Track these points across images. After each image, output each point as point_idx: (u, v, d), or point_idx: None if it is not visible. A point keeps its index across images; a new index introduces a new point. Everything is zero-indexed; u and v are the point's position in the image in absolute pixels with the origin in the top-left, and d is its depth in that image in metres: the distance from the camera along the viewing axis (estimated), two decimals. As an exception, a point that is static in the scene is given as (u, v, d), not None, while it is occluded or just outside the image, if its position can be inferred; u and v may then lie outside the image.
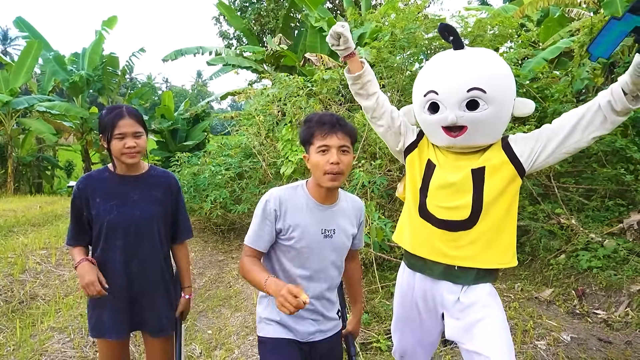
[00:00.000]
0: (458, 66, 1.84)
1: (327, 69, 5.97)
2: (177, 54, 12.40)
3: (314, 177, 1.71)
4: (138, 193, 1.98)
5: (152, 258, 2.00)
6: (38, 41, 13.15)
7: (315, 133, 1.65)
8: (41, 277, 4.80)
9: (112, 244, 1.93)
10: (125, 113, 1.90)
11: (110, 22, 14.34)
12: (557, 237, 4.82)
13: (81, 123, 14.52)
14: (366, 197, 4.36)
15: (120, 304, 1.95)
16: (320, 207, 1.73)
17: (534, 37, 6.00)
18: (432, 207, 1.91)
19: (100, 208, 1.92)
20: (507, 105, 1.82)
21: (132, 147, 1.89)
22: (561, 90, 5.51)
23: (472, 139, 1.83)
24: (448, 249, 1.87)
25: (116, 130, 1.88)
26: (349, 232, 1.82)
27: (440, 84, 1.83)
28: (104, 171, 2.00)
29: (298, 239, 1.69)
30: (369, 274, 4.13)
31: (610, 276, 4.09)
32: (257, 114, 6.11)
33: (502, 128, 1.87)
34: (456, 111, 1.79)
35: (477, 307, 1.82)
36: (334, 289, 1.84)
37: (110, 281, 1.91)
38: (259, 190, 5.79)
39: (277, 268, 1.76)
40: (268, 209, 1.69)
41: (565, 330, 3.43)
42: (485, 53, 1.88)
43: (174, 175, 2.15)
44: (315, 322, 1.77)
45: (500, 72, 1.82)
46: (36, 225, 7.60)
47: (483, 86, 1.75)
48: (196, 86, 54.43)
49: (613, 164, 5.32)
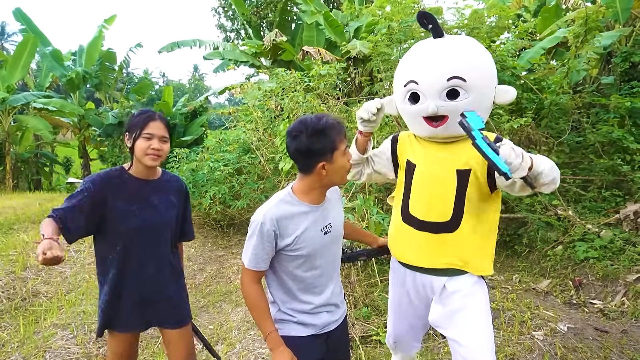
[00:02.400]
0: (437, 55, 1.82)
1: (324, 63, 5.97)
2: (174, 46, 12.33)
3: (337, 179, 1.73)
4: (157, 197, 2.02)
5: (168, 260, 2.06)
6: (34, 36, 13.05)
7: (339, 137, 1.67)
8: (43, 274, 4.84)
9: (132, 248, 1.95)
10: (157, 117, 1.96)
11: (110, 20, 14.36)
12: (555, 228, 4.86)
13: (78, 119, 14.49)
14: (364, 191, 4.39)
15: (136, 306, 1.99)
16: (314, 209, 1.76)
17: (531, 28, 5.98)
18: (414, 209, 1.90)
19: (121, 211, 1.93)
20: (487, 93, 1.81)
21: (157, 149, 1.93)
22: (558, 82, 5.53)
23: (453, 128, 1.80)
24: (430, 252, 1.87)
25: (145, 130, 1.91)
26: (340, 218, 1.89)
27: (420, 73, 1.82)
28: (123, 172, 1.99)
29: (305, 247, 1.70)
30: (368, 268, 4.17)
31: (606, 266, 4.14)
32: (255, 110, 6.12)
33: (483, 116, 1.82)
34: (437, 101, 1.78)
35: (460, 296, 1.84)
36: (338, 270, 1.89)
37: (128, 283, 1.96)
38: (258, 186, 5.82)
39: (285, 277, 1.75)
40: (266, 232, 1.66)
41: (562, 321, 3.47)
42: (465, 41, 1.87)
43: (182, 180, 2.23)
44: (330, 314, 1.82)
45: (480, 60, 1.80)
46: (36, 222, 7.61)
47: (463, 75, 1.74)
48: (193, 80, 54.19)
49: (610, 155, 5.36)
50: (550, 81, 5.81)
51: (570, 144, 5.65)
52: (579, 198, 5.40)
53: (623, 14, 6.57)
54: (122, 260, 1.96)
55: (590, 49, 5.37)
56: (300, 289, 1.76)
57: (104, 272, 2.00)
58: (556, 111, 5.68)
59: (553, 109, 5.61)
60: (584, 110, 6.04)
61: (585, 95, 5.94)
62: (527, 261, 4.90)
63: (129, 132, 1.95)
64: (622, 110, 5.52)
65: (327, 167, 1.67)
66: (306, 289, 1.76)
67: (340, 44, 7.96)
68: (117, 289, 1.97)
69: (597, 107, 5.94)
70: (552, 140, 5.53)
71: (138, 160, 1.95)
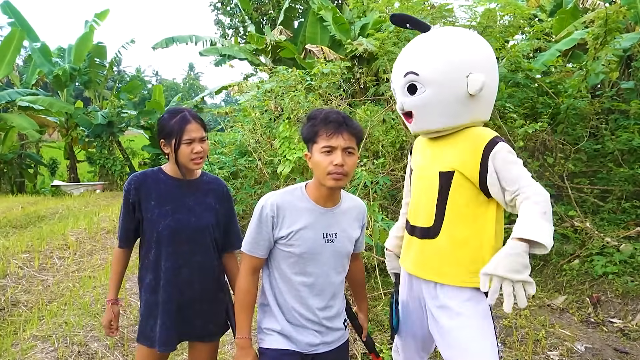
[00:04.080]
0: (403, 51, 1.94)
1: (327, 62, 5.96)
2: (169, 41, 12.31)
3: (316, 176, 1.71)
4: (193, 199, 2.01)
5: (204, 266, 2.02)
6: (21, 30, 13.09)
7: (320, 132, 1.65)
8: (23, 282, 4.79)
9: (165, 250, 1.95)
10: (191, 117, 1.93)
11: (102, 15, 14.36)
12: (571, 241, 4.82)
13: (66, 118, 14.50)
14: (368, 197, 4.36)
15: (170, 314, 1.97)
16: (321, 210, 1.74)
17: (547, 29, 5.98)
18: (409, 214, 1.99)
19: (155, 212, 1.94)
20: (450, 85, 1.76)
21: (200, 152, 1.93)
22: (575, 85, 5.51)
23: (422, 124, 1.88)
24: (416, 259, 1.89)
25: (185, 136, 1.90)
26: (352, 235, 1.82)
27: (393, 72, 1.96)
28: (159, 172, 2.02)
29: (298, 245, 1.70)
30: (371, 280, 4.13)
31: (626, 282, 4.10)
32: (253, 110, 6.10)
33: (454, 110, 1.78)
34: (402, 97, 1.87)
35: (450, 314, 1.78)
36: (338, 296, 1.84)
37: (162, 289, 1.96)
38: (255, 191, 5.78)
39: (277, 275, 1.77)
40: (264, 216, 1.70)
41: (579, 340, 3.43)
42: (433, 33, 1.92)
43: (224, 182, 2.18)
44: (319, 334, 1.78)
45: (438, 50, 1.79)
46: (18, 227, 7.59)
47: (415, 69, 1.79)
48: (188, 79, 54.34)
49: (630, 164, 5.33)
50: (567, 84, 5.79)
51: (588, 152, 5.62)
52: (597, 209, 5.36)
53: (644, 15, 6.58)
54: (156, 264, 1.96)
55: (609, 51, 5.36)
56: (289, 293, 1.75)
57: (142, 277, 2.04)
58: (573, 116, 5.66)
59: (570, 114, 5.60)
60: (602, 115, 6.02)
61: (604, 100, 5.92)
62: (541, 275, 4.86)
63: (165, 139, 1.94)
64: (643, 117, 5.50)
65: (310, 159, 1.72)
66: (294, 295, 1.74)
67: (345, 42, 7.98)
68: (155, 296, 1.98)
69: (616, 113, 5.92)
70: (568, 147, 5.50)
71: (183, 165, 1.96)
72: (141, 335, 2.03)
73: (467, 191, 1.76)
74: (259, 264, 1.77)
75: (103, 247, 6.16)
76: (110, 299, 2.07)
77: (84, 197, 11.84)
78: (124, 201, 1.98)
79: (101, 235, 6.60)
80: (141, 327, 2.04)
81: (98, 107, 14.95)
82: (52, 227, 7.17)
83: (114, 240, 6.47)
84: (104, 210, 8.65)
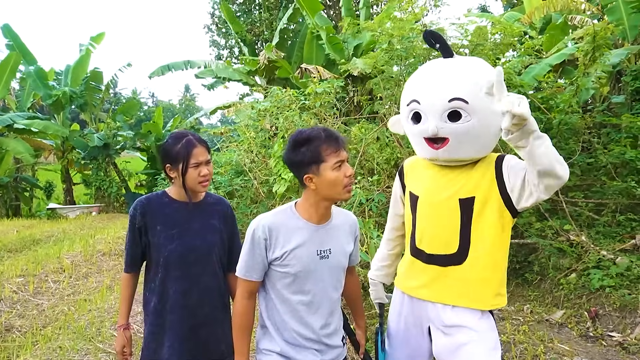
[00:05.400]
0: (441, 75, 1.84)
1: (321, 81, 6.04)
2: (164, 69, 12.49)
3: (331, 194, 1.70)
4: (198, 221, 2.02)
5: (212, 287, 2.03)
6: (17, 53, 13.19)
7: (326, 150, 1.66)
8: (18, 307, 4.75)
9: (172, 274, 1.96)
10: (196, 142, 1.96)
11: (98, 38, 14.52)
12: (567, 254, 4.83)
13: (62, 141, 14.51)
14: (364, 215, 4.37)
15: (180, 336, 1.97)
16: (314, 227, 1.75)
17: (537, 46, 6.09)
18: (421, 243, 1.91)
19: (161, 236, 1.96)
20: (495, 117, 1.72)
21: (206, 174, 1.96)
22: (566, 101, 5.58)
23: (455, 152, 1.81)
24: (439, 286, 1.86)
25: (192, 160, 1.92)
26: (345, 249, 1.83)
27: (423, 93, 1.84)
28: (163, 196, 2.05)
29: (293, 264, 1.70)
30: (368, 298, 4.11)
31: (624, 295, 4.09)
32: (248, 130, 6.15)
33: (489, 141, 1.83)
34: (437, 122, 1.78)
35: (465, 331, 1.80)
36: (336, 312, 1.84)
37: (170, 313, 1.97)
38: (251, 210, 5.78)
39: (273, 296, 1.76)
40: (257, 239, 1.70)
41: (579, 355, 3.42)
42: (472, 61, 1.87)
43: (228, 203, 2.20)
44: (318, 353, 1.77)
45: (487, 82, 1.77)
46: (13, 251, 7.54)
47: (465, 96, 1.72)
48: (184, 101, 54.65)
49: (623, 177, 5.37)
50: (559, 100, 5.87)
51: (582, 166, 5.67)
52: (592, 222, 5.38)
53: (631, 32, 6.71)
54: (162, 287, 1.97)
55: (599, 66, 5.45)
56: (287, 313, 1.74)
57: (147, 301, 2.04)
58: (565, 131, 5.72)
59: (562, 129, 5.65)
60: (594, 130, 6.08)
61: (595, 115, 5.99)
62: (538, 290, 4.85)
63: (172, 164, 1.96)
64: (635, 130, 5.56)
65: (315, 180, 1.68)
66: (293, 315, 1.74)
67: (339, 62, 8.08)
68: (161, 320, 1.98)
69: (608, 127, 5.98)
70: (562, 162, 5.54)
71: (191, 189, 1.98)
72: (144, 358, 2.02)
73: (490, 215, 1.78)
74: (254, 287, 1.77)
75: (99, 270, 6.12)
76: (121, 324, 2.07)
77: (80, 219, 11.80)
78: (130, 226, 2.01)
79: (97, 257, 6.56)
80: (145, 351, 2.02)
81: (94, 129, 15.00)
82: (48, 250, 7.12)
83: (110, 263, 6.44)
84: (100, 233, 8.61)
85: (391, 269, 2.24)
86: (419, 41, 5.28)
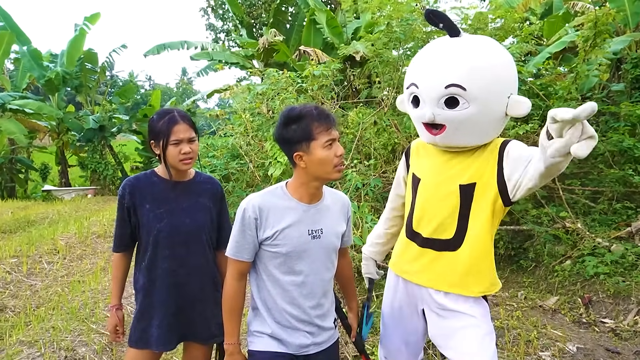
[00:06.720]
0: (440, 58, 1.75)
1: (319, 64, 5.96)
2: (160, 48, 12.34)
3: (320, 173, 1.67)
4: (187, 200, 2.00)
5: (201, 266, 2.02)
6: (11, 33, 12.98)
7: (317, 128, 1.63)
8: (11, 287, 4.73)
9: (160, 253, 1.95)
10: (179, 118, 1.92)
11: (93, 18, 14.26)
12: (562, 242, 4.83)
13: (57, 123, 14.39)
14: (360, 199, 4.35)
15: (168, 315, 1.97)
16: (304, 207, 1.72)
17: (537, 32, 6.03)
18: (418, 226, 1.89)
19: (149, 215, 1.95)
20: (494, 104, 1.69)
21: (188, 152, 1.92)
22: (566, 88, 5.54)
23: (452, 138, 1.77)
24: (432, 271, 1.85)
25: (172, 137, 1.89)
26: (337, 230, 1.81)
27: (421, 77, 1.78)
28: (152, 175, 2.02)
29: (284, 244, 1.68)
30: (362, 283, 4.10)
31: (618, 283, 4.11)
32: (244, 113, 6.09)
33: (489, 128, 1.76)
34: (434, 108, 1.72)
35: (459, 315, 1.80)
36: (328, 294, 1.83)
37: (158, 292, 1.96)
38: (246, 193, 5.75)
39: (265, 277, 1.74)
40: (247, 218, 1.68)
41: (571, 341, 3.43)
42: (477, 43, 1.76)
43: (218, 182, 2.18)
44: (310, 335, 1.76)
45: (489, 65, 1.68)
46: (7, 232, 7.51)
47: (463, 83, 1.64)
48: (181, 84, 54.23)
49: (620, 165, 5.37)
50: (558, 87, 5.82)
51: (579, 153, 5.64)
52: (588, 210, 5.38)
53: (633, 19, 6.65)
54: (150, 266, 1.96)
55: (600, 53, 5.40)
56: (279, 295, 1.72)
57: (136, 280, 2.03)
58: (564, 118, 5.68)
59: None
60: (593, 118, 6.04)
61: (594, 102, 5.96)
62: (533, 277, 4.86)
63: (154, 140, 1.94)
64: (633, 119, 5.55)
65: (305, 158, 1.65)
66: (285, 296, 1.72)
67: (338, 45, 7.97)
68: (149, 299, 1.97)
69: (606, 115, 5.95)
70: (559, 149, 5.52)
71: (172, 166, 1.95)
72: (133, 337, 2.01)
73: (489, 203, 1.75)
74: (245, 268, 1.75)
75: (93, 252, 6.10)
76: (114, 305, 2.07)
77: (75, 201, 11.75)
78: (119, 206, 1.99)
79: (91, 239, 6.53)
80: (133, 330, 2.02)
81: (90, 111, 14.87)
82: (42, 231, 7.09)
83: (105, 245, 6.42)
84: (95, 215, 8.58)
85: (385, 247, 2.23)
86: (418, 24, 5.20)
